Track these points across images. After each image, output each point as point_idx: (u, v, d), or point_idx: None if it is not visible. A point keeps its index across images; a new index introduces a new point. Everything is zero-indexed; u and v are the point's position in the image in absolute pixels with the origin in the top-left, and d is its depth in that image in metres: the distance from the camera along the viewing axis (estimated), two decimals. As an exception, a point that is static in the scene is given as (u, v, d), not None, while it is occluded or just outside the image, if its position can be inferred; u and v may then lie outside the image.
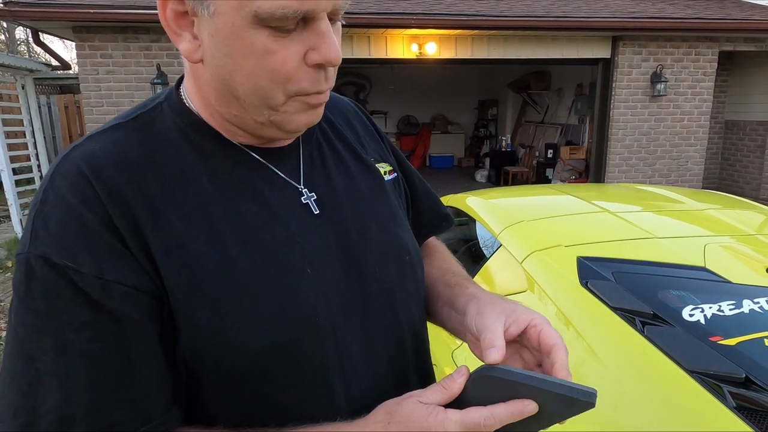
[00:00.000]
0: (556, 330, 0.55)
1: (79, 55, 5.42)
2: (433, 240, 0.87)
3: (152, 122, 0.58)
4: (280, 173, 0.60)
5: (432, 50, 6.12)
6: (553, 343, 0.53)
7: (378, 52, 6.13)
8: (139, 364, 0.50)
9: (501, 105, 10.80)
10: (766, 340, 1.07)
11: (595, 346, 1.17)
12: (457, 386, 0.51)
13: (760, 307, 1.18)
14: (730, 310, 1.18)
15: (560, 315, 1.30)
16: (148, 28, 5.36)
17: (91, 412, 0.48)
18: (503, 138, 9.68)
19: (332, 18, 0.52)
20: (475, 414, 0.48)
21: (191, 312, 0.51)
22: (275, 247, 0.55)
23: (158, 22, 0.54)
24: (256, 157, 0.59)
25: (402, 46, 6.14)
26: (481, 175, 9.49)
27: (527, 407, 0.48)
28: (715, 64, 6.64)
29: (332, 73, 0.55)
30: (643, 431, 0.98)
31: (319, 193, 0.61)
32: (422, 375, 0.68)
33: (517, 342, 0.57)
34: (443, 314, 0.70)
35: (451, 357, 1.47)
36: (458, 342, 1.49)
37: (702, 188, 6.77)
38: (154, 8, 0.53)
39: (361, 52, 6.07)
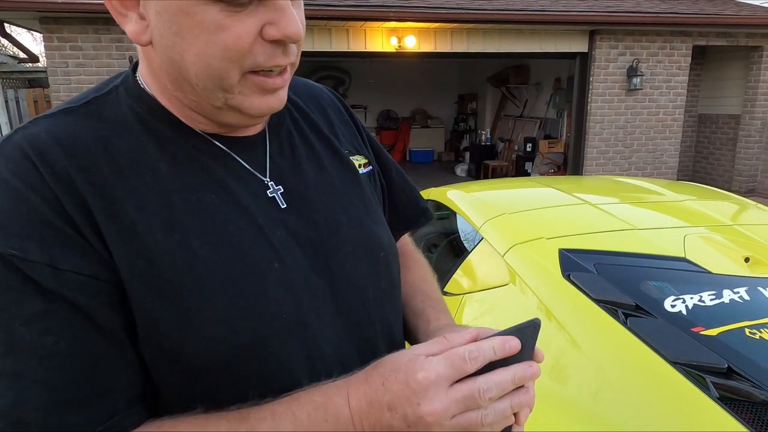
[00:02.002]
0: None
1: (47, 47, 5.24)
2: (410, 247, 0.83)
3: (106, 107, 0.54)
4: (244, 164, 0.56)
5: (411, 44, 6.09)
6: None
7: (357, 45, 6.08)
8: (100, 356, 0.46)
9: (480, 99, 10.84)
10: (746, 329, 1.08)
11: (577, 338, 1.16)
12: (461, 339, 0.48)
13: (740, 297, 1.19)
14: (711, 300, 1.18)
15: (542, 307, 1.29)
16: (120, 20, 5.21)
17: (45, 413, 0.44)
18: (483, 132, 9.72)
19: None
20: (459, 349, 0.46)
21: (148, 306, 0.48)
22: (240, 240, 0.52)
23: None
24: (219, 145, 0.55)
25: (381, 39, 6.10)
26: (461, 169, 9.51)
27: (509, 341, 0.47)
28: (689, 59, 6.77)
29: (293, 49, 0.51)
30: (627, 423, 0.98)
31: (287, 186, 0.58)
32: None
33: None
34: (419, 336, 0.68)
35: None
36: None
37: (677, 180, 6.91)
38: (125, -2, 0.48)
39: (339, 45, 6.01)
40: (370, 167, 0.70)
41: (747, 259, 1.35)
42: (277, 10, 0.47)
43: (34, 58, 6.42)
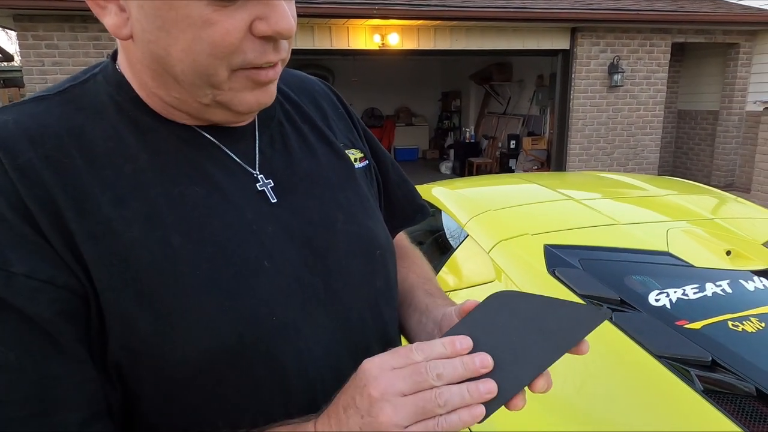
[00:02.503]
0: None
1: (21, 46, 5.12)
2: (408, 243, 0.81)
3: (83, 95, 0.50)
4: (232, 155, 0.53)
5: (395, 41, 6.08)
6: None
7: (340, 42, 6.04)
8: (52, 371, 0.42)
9: (464, 97, 10.87)
10: (729, 322, 1.09)
11: (564, 334, 1.16)
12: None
13: (722, 290, 1.20)
14: (694, 293, 1.19)
15: (529, 304, 1.29)
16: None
17: None
18: (467, 129, 9.75)
19: None
20: (403, 348, 0.43)
21: (125, 309, 0.44)
22: (226, 236, 0.49)
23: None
24: (206, 135, 0.52)
25: (364, 36, 6.07)
26: (445, 167, 9.53)
27: (460, 340, 0.43)
28: (669, 56, 6.87)
29: (284, 45, 0.49)
30: (613, 417, 0.98)
31: (278, 180, 0.55)
32: None
33: None
34: (412, 321, 0.65)
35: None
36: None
37: (658, 175, 7.02)
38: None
39: (322, 42, 5.97)
40: (366, 162, 0.68)
41: (728, 253, 1.37)
42: (267, 4, 0.45)
43: (9, 57, 6.28)
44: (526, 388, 0.44)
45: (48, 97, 0.50)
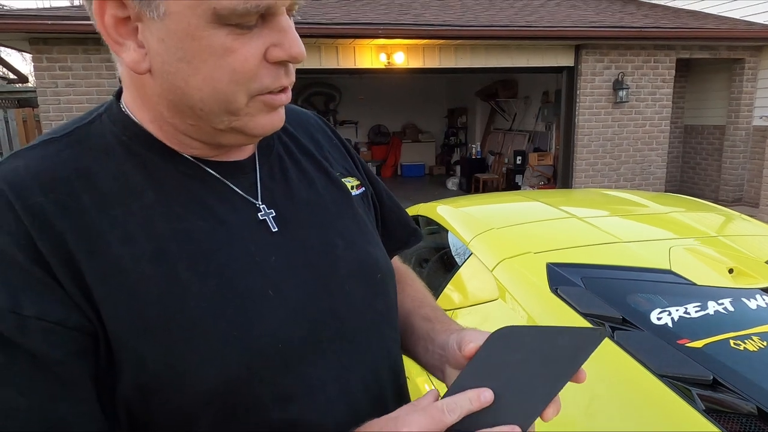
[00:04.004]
0: None
1: (36, 68, 5.25)
2: (400, 264, 0.83)
3: (89, 136, 0.52)
4: (235, 188, 0.55)
5: (400, 60, 6.16)
6: None
7: (346, 62, 6.13)
8: (61, 413, 0.44)
9: (470, 113, 10.94)
10: (731, 341, 1.09)
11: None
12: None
13: (725, 308, 1.20)
14: (696, 312, 1.19)
15: (531, 322, 1.30)
16: (110, 40, 5.23)
17: None
18: (473, 146, 9.79)
19: (287, 13, 0.49)
20: (437, 402, 0.47)
21: (134, 344, 0.46)
22: (231, 269, 0.50)
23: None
24: (209, 170, 0.54)
25: (370, 56, 6.16)
26: (452, 183, 9.56)
27: (483, 393, 0.47)
28: (673, 71, 6.89)
29: (292, 69, 0.52)
30: (616, 438, 0.98)
31: (279, 210, 0.57)
32: (399, 397, 0.65)
33: None
34: (419, 348, 0.68)
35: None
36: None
37: (665, 191, 6.99)
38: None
39: (329, 62, 6.06)
40: (363, 189, 0.70)
41: (731, 271, 1.37)
42: (281, 31, 0.48)
43: (23, 79, 6.43)
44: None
45: (56, 139, 0.51)
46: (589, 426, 1.02)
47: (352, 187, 0.67)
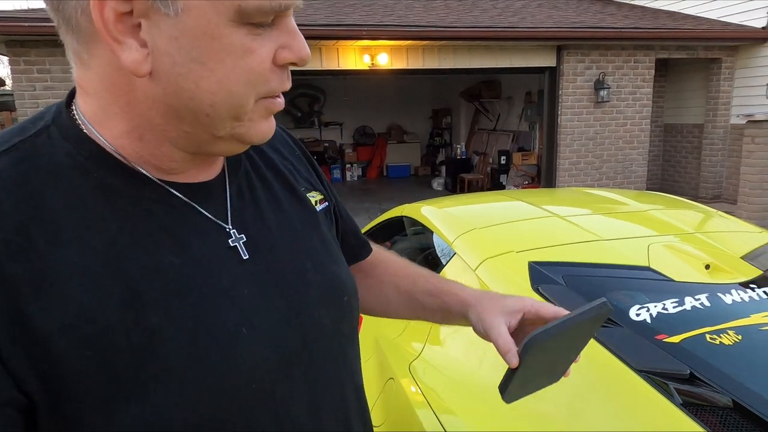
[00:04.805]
0: (546, 303, 0.65)
1: (13, 71, 5.16)
2: (377, 248, 0.83)
3: (36, 154, 0.45)
4: (205, 213, 0.52)
5: (384, 61, 6.17)
6: (553, 311, 0.63)
7: (330, 63, 6.13)
8: None
9: (454, 114, 11.00)
10: (707, 335, 1.11)
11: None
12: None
13: (701, 304, 1.23)
14: (674, 307, 1.21)
15: (514, 321, 1.31)
16: (89, 42, 5.16)
17: None
18: (458, 146, 9.85)
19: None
20: None
21: (103, 398, 0.42)
22: (204, 306, 0.47)
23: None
24: (177, 194, 0.50)
25: (354, 57, 6.16)
26: (437, 183, 9.60)
27: None
28: (653, 71, 7.01)
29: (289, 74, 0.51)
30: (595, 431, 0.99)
31: (250, 234, 0.54)
32: (363, 418, 0.66)
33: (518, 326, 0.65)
34: (437, 318, 0.76)
35: (408, 369, 1.45)
36: (415, 353, 1.47)
37: (646, 189, 7.11)
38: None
39: (312, 63, 6.05)
40: (326, 203, 0.68)
41: (707, 266, 1.40)
42: (289, 33, 0.47)
43: (0, 82, 6.30)
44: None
45: None
46: (571, 422, 1.03)
47: (316, 203, 0.66)
